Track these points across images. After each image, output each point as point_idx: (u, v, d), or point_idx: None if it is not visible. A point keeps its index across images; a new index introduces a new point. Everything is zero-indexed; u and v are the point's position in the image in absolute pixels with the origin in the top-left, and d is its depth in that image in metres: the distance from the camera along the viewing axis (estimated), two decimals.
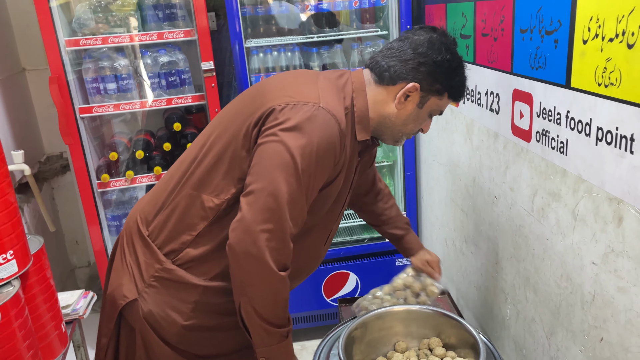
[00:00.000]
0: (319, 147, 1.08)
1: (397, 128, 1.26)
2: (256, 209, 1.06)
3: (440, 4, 1.96)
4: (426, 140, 2.32)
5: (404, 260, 2.54)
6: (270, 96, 1.15)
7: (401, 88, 1.20)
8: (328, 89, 1.18)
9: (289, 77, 1.25)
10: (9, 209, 1.56)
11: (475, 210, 1.83)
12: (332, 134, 1.11)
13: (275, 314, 1.13)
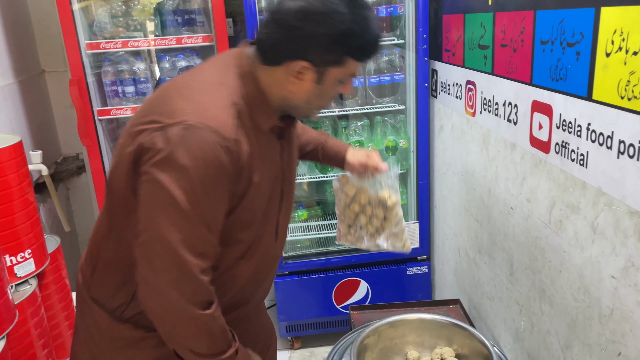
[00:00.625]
0: (198, 172, 0.94)
1: (301, 107, 1.11)
2: (153, 262, 0.97)
3: (458, 13, 1.97)
4: (441, 150, 2.32)
5: (415, 268, 2.53)
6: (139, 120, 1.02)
7: (291, 68, 1.03)
8: (206, 91, 1.03)
9: (163, 90, 1.08)
10: (28, 209, 1.59)
11: (490, 220, 1.82)
12: (211, 149, 0.95)
13: (214, 346, 1.04)
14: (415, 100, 2.37)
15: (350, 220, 1.54)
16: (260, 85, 1.07)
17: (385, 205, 1.47)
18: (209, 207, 0.98)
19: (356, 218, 1.53)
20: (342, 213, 1.55)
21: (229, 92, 1.03)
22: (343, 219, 1.55)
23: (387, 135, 2.47)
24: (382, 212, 1.49)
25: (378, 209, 1.49)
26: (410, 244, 1.55)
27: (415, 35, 2.29)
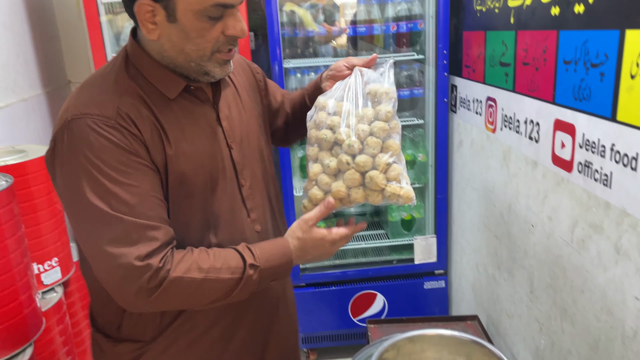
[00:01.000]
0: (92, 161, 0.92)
1: (179, 59, 1.00)
2: (100, 270, 0.94)
3: (479, 30, 1.98)
4: (459, 165, 2.32)
5: (432, 283, 2.53)
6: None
7: (140, 17, 0.96)
8: (85, 88, 1.01)
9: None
10: (56, 218, 1.63)
11: (510, 237, 1.82)
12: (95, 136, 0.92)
13: (223, 288, 0.99)
14: (435, 115, 2.38)
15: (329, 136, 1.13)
16: (149, 58, 1.02)
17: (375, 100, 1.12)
18: (123, 191, 0.93)
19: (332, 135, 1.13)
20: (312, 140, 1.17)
21: (110, 77, 1.00)
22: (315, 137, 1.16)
23: (406, 149, 2.49)
24: (372, 110, 1.11)
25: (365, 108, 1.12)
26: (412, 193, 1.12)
27: (435, 51, 2.31)
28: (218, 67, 1.02)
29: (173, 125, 1.02)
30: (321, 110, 1.14)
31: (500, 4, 1.78)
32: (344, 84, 1.17)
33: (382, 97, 1.11)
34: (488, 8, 1.89)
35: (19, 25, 2.29)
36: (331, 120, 1.11)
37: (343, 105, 1.13)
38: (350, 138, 1.08)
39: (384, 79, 1.13)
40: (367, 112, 1.10)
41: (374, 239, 2.63)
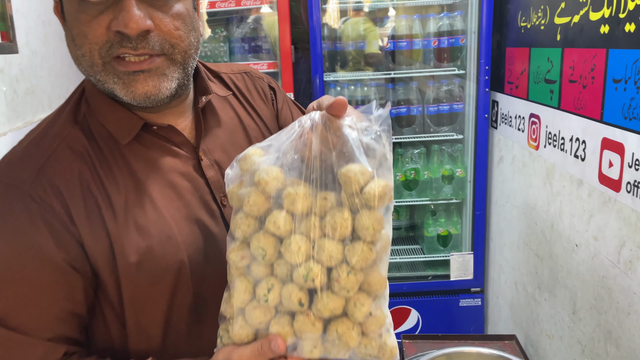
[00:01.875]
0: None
1: (82, 67, 0.71)
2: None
3: (524, 47, 1.97)
4: (499, 181, 2.30)
5: (468, 300, 2.50)
6: None
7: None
8: (32, 132, 0.76)
9: None
10: None
11: (552, 256, 1.79)
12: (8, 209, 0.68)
13: None
14: (475, 130, 2.37)
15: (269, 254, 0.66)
16: (92, 91, 0.76)
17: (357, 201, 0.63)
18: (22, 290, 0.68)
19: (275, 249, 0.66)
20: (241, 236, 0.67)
21: (52, 122, 0.76)
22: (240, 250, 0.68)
23: (444, 164, 2.48)
24: (350, 217, 0.64)
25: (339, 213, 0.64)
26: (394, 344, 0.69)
27: (477, 67, 2.30)
28: (119, 82, 0.69)
29: (126, 186, 0.73)
30: (255, 189, 0.65)
31: (546, 21, 1.77)
32: (296, 134, 0.66)
33: (370, 199, 0.63)
34: (533, 25, 1.89)
35: None
36: (276, 220, 0.64)
37: (302, 187, 0.64)
38: (309, 264, 0.63)
39: (373, 155, 0.65)
40: (341, 220, 0.63)
41: (408, 254, 2.63)
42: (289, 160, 0.66)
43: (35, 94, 1.95)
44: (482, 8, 2.21)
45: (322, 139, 0.65)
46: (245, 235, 0.66)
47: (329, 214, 0.64)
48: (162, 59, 0.70)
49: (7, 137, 1.69)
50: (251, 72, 0.96)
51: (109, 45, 0.67)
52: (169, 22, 0.70)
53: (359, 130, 0.66)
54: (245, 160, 0.67)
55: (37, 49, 2.00)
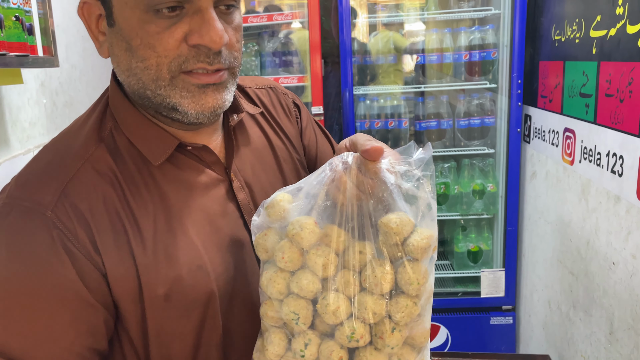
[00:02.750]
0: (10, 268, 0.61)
1: (134, 85, 0.67)
2: None
3: (558, 60, 1.94)
4: (532, 196, 2.25)
5: (499, 318, 2.44)
6: None
7: (92, 29, 0.68)
8: (48, 150, 0.71)
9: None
10: None
11: (587, 274, 1.74)
12: (13, 237, 0.62)
13: None
14: (507, 144, 2.33)
15: (304, 316, 0.62)
16: (125, 101, 0.70)
17: (399, 252, 0.60)
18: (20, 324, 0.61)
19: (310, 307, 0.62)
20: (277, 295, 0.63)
21: (75, 139, 0.69)
22: (276, 315, 0.64)
23: (475, 178, 2.45)
24: (391, 271, 0.60)
25: (379, 267, 0.60)
26: None
27: (509, 80, 2.28)
28: (187, 96, 0.65)
29: (156, 210, 0.68)
30: (290, 243, 0.62)
31: (581, 34, 1.74)
32: (328, 178, 0.62)
33: (415, 251, 0.59)
34: (567, 38, 1.86)
35: None
36: (299, 281, 0.61)
37: (336, 238, 0.61)
38: (351, 323, 0.60)
39: (417, 203, 0.61)
40: (382, 274, 0.59)
41: (438, 270, 2.59)
42: (320, 207, 0.61)
43: (73, 106, 2.02)
44: (515, 22, 2.19)
45: (357, 183, 0.60)
46: (281, 292, 0.62)
47: (368, 266, 0.60)
48: (227, 73, 0.68)
49: None
50: (276, 87, 0.92)
51: (182, 59, 0.63)
52: (233, 36, 0.67)
53: (397, 174, 0.61)
54: (273, 207, 0.63)
55: (76, 62, 2.07)
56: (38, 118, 1.72)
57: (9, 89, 1.54)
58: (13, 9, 1.23)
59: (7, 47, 1.19)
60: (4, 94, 1.51)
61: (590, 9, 1.68)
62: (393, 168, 0.61)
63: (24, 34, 1.27)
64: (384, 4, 2.70)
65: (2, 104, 1.50)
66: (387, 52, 2.50)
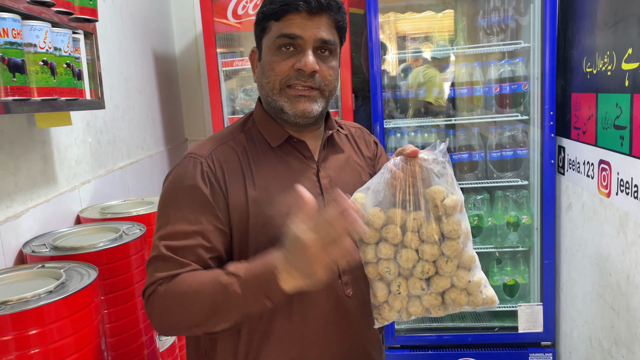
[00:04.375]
0: (175, 185, 1.05)
1: (262, 95, 1.11)
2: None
3: (590, 92, 1.94)
4: (568, 229, 2.21)
5: (538, 354, 2.37)
6: None
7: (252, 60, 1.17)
8: (214, 135, 1.17)
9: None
10: None
11: (629, 310, 1.68)
12: (185, 166, 1.06)
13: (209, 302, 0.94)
14: (540, 176, 2.31)
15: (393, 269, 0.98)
16: (261, 108, 1.14)
17: (440, 211, 0.95)
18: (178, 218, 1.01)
19: (394, 262, 0.98)
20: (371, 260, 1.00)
21: (227, 130, 1.15)
22: (375, 272, 1.00)
23: (509, 210, 2.42)
24: (436, 226, 0.95)
25: (428, 225, 0.95)
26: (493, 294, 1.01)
27: (541, 112, 2.27)
28: (288, 102, 1.05)
29: (267, 172, 1.07)
30: (369, 226, 0.96)
31: (612, 67, 1.74)
32: (386, 177, 0.96)
33: (449, 209, 0.94)
34: (599, 70, 1.85)
35: (150, 90, 2.60)
36: (381, 250, 0.97)
37: (398, 216, 0.96)
38: (421, 263, 0.96)
39: (445, 178, 0.95)
40: (431, 229, 0.94)
41: None
42: (383, 197, 0.97)
43: (116, 144, 2.11)
44: (545, 54, 2.20)
45: (406, 172, 0.96)
46: (373, 257, 0.98)
47: (422, 226, 0.95)
48: (317, 92, 1.06)
49: (91, 184, 1.83)
50: (363, 129, 1.31)
51: (288, 77, 1.04)
52: (326, 70, 1.06)
53: (431, 161, 0.95)
54: (354, 202, 0.94)
55: (119, 103, 2.18)
56: (84, 156, 1.81)
57: (58, 129, 1.63)
58: (65, 56, 1.32)
59: (58, 92, 1.28)
60: (52, 135, 1.60)
61: (621, 42, 1.68)
62: (426, 157, 0.95)
63: (74, 80, 1.36)
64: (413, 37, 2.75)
65: (51, 144, 1.60)
66: (416, 86, 2.53)
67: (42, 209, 1.49)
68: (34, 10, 1.22)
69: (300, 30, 1.02)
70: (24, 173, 1.43)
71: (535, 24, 2.25)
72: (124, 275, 1.38)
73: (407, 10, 2.71)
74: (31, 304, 1.00)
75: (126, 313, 1.39)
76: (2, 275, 1.18)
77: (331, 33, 1.06)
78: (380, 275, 0.99)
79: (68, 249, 1.32)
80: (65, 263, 1.23)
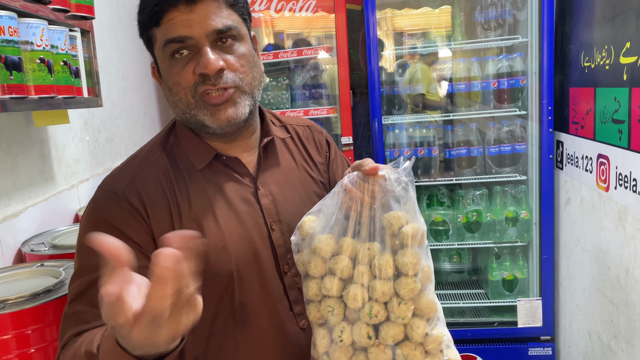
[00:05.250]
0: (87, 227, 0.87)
1: (178, 114, 0.92)
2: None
3: (588, 87, 1.94)
4: (567, 224, 2.21)
5: (538, 349, 2.38)
6: None
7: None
8: (131, 157, 0.98)
9: None
10: None
11: (628, 304, 1.69)
12: (97, 204, 0.89)
13: None
14: (539, 171, 2.31)
15: (337, 309, 0.81)
16: (180, 126, 0.97)
17: (400, 244, 0.79)
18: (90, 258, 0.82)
19: (340, 301, 0.82)
20: (314, 297, 0.84)
21: (145, 149, 0.96)
22: (317, 313, 0.84)
23: (507, 205, 2.42)
24: (391, 259, 0.78)
25: (382, 257, 0.79)
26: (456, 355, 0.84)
27: (539, 107, 2.27)
28: (208, 114, 0.88)
29: (195, 200, 0.91)
30: (316, 255, 0.82)
31: (610, 61, 1.74)
32: (340, 197, 0.82)
33: (406, 239, 0.78)
34: (597, 65, 1.85)
35: (147, 88, 2.59)
36: (326, 285, 0.81)
37: (349, 245, 0.80)
38: (370, 304, 0.78)
39: (406, 202, 0.80)
40: (385, 262, 0.78)
41: (472, 299, 2.55)
42: (337, 222, 0.82)
43: (114, 142, 2.11)
44: (543, 49, 2.20)
45: (362, 190, 0.81)
46: (316, 294, 0.83)
47: (375, 259, 0.78)
48: (234, 90, 0.88)
49: (89, 182, 1.83)
50: (312, 126, 1.13)
51: (195, 85, 0.87)
52: (236, 62, 0.88)
53: (393, 181, 0.80)
54: (302, 227, 0.84)
55: (116, 101, 2.17)
56: (82, 155, 1.81)
57: (55, 128, 1.63)
58: (61, 54, 1.31)
59: (55, 90, 1.27)
60: (50, 134, 1.60)
61: (619, 36, 1.68)
62: (388, 177, 0.80)
63: (71, 77, 1.35)
64: (410, 33, 2.75)
65: (49, 142, 1.59)
66: (414, 82, 2.53)
67: (41, 208, 1.48)
68: (30, 8, 1.21)
69: (186, 29, 0.85)
70: (22, 172, 1.43)
71: (533, 19, 2.25)
72: None
73: (404, 7, 2.70)
74: (30, 302, 1.00)
75: None
76: (1, 274, 1.18)
77: (226, 16, 0.88)
78: (323, 319, 0.82)
79: (67, 247, 1.31)
80: (64, 261, 1.23)
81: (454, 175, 2.49)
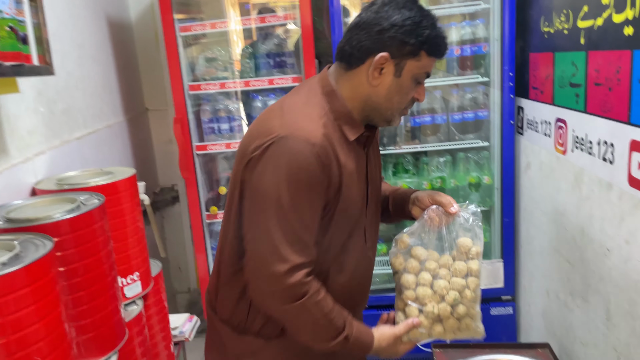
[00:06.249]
0: (292, 177, 1.08)
1: (382, 106, 1.19)
2: (255, 255, 1.14)
3: (547, 52, 1.97)
4: (527, 187, 2.27)
5: (499, 309, 2.47)
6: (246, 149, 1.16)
7: (370, 63, 1.14)
8: (293, 110, 1.16)
9: (259, 118, 1.24)
10: (139, 235, 1.74)
11: (583, 262, 1.76)
12: (302, 155, 1.08)
13: (316, 334, 1.19)
14: (500, 137, 2.36)
15: (429, 298, 1.28)
16: (343, 101, 1.18)
17: (467, 258, 1.30)
18: (304, 207, 1.11)
19: (431, 289, 1.30)
20: (410, 288, 1.31)
21: (314, 109, 1.16)
22: (409, 301, 1.31)
23: (470, 171, 2.47)
24: (464, 268, 1.29)
25: (459, 264, 1.30)
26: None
27: (501, 73, 2.30)
28: (398, 119, 1.24)
29: (345, 163, 1.17)
30: (412, 259, 1.31)
31: (569, 25, 1.77)
32: (427, 222, 1.32)
33: (474, 255, 1.30)
34: (556, 29, 1.88)
35: (105, 58, 2.50)
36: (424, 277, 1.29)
37: (436, 255, 1.32)
38: (453, 293, 1.27)
39: (473, 234, 1.30)
40: (460, 267, 1.29)
41: None
42: (422, 238, 1.32)
43: (70, 114, 2.04)
44: (504, 15, 2.21)
45: (442, 221, 1.31)
46: (412, 285, 1.30)
47: (454, 264, 1.30)
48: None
49: (46, 155, 1.77)
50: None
51: (409, 102, 1.22)
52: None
53: (463, 217, 1.30)
54: (402, 241, 1.33)
55: (72, 70, 2.09)
56: (36, 126, 1.74)
57: (6, 98, 1.56)
58: (7, 19, 1.25)
59: (1, 57, 1.21)
60: (1, 104, 1.53)
61: (577, 0, 1.70)
62: (460, 214, 1.30)
63: (19, 44, 1.29)
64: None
65: None
66: None
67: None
68: None
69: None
70: None
71: None
72: (84, 246, 1.35)
73: None
74: None
75: (88, 283, 1.37)
76: None
77: None
78: (406, 305, 1.30)
79: (23, 220, 1.28)
80: (19, 235, 1.19)
81: (419, 143, 2.52)
